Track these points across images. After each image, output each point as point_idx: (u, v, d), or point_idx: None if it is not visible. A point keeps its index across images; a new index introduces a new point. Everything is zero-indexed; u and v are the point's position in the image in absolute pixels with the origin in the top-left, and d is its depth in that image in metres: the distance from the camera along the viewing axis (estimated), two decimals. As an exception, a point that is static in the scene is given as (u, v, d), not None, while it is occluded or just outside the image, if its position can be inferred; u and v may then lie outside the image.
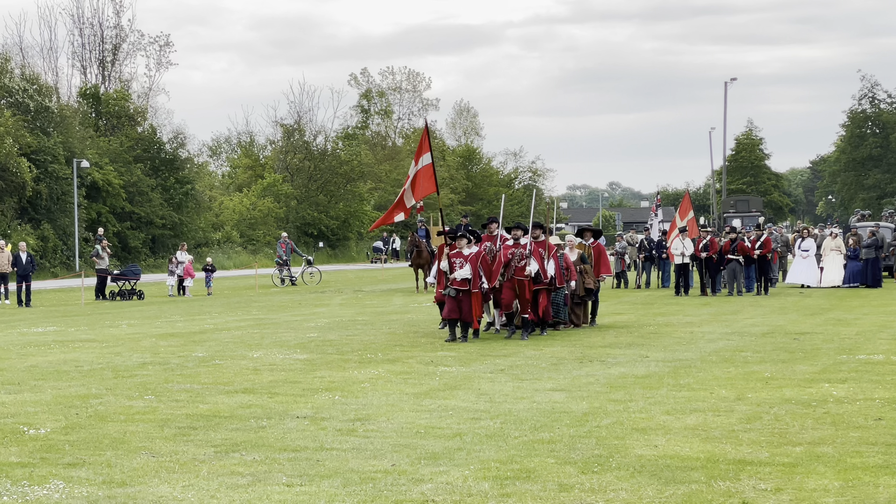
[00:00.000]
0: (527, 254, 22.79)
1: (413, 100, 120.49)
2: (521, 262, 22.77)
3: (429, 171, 24.21)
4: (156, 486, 9.43)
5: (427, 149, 24.19)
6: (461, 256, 22.56)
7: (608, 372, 16.99)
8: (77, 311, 35.41)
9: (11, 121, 66.66)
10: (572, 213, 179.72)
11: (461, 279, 22.25)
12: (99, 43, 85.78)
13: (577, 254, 26.04)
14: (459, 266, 22.39)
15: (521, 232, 23.33)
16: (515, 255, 22.85)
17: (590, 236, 27.16)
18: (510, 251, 23.01)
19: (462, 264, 22.39)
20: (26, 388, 15.53)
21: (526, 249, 22.84)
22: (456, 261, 22.56)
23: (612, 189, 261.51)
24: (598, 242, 27.25)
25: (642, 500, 8.91)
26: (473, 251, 22.62)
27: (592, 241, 26.98)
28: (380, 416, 12.98)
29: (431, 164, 24.27)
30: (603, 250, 27.01)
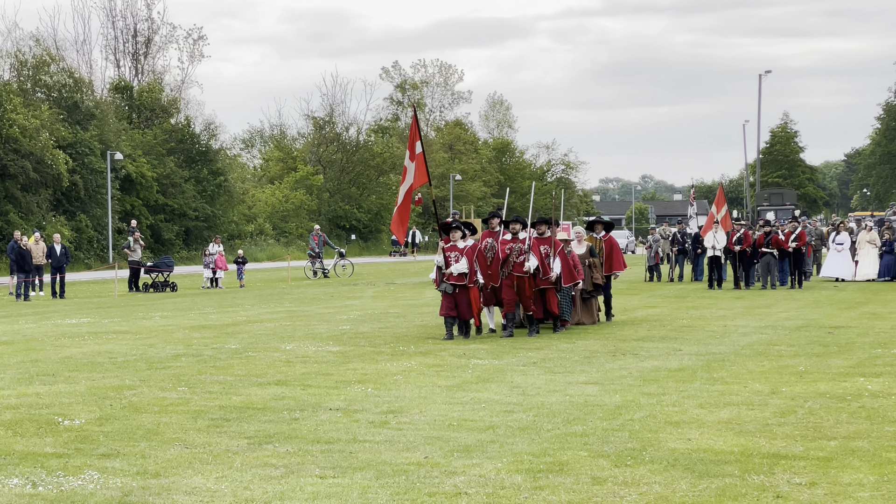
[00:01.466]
0: (525, 249, 21.70)
1: (445, 93, 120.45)
2: (520, 257, 21.71)
3: (420, 162, 22.54)
4: (189, 477, 9.46)
5: (417, 137, 22.57)
6: (456, 250, 21.58)
7: (641, 365, 16.94)
8: (111, 303, 35.57)
9: (47, 114, 67.01)
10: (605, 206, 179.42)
11: (458, 274, 21.33)
12: (132, 36, 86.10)
13: (586, 247, 24.83)
14: (455, 260, 21.43)
15: (520, 226, 22.16)
16: (513, 251, 21.80)
17: (601, 229, 25.85)
18: (508, 246, 21.96)
19: (458, 258, 21.43)
20: (61, 380, 15.60)
21: (525, 244, 21.76)
22: (451, 255, 21.57)
23: (644, 182, 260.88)
24: (610, 236, 25.85)
25: (675, 494, 8.88)
26: (469, 244, 21.71)
27: (604, 235, 25.65)
28: (412, 408, 12.97)
29: (422, 153, 22.64)
30: (615, 244, 25.61)
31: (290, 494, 8.86)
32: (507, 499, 8.74)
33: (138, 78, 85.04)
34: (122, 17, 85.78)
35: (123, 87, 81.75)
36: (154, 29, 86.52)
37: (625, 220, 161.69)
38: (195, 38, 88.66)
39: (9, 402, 13.56)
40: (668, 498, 8.76)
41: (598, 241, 25.35)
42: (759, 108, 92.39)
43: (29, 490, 9.00)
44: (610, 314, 25.48)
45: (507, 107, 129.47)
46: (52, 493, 8.90)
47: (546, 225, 22.56)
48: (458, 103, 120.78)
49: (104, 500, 8.70)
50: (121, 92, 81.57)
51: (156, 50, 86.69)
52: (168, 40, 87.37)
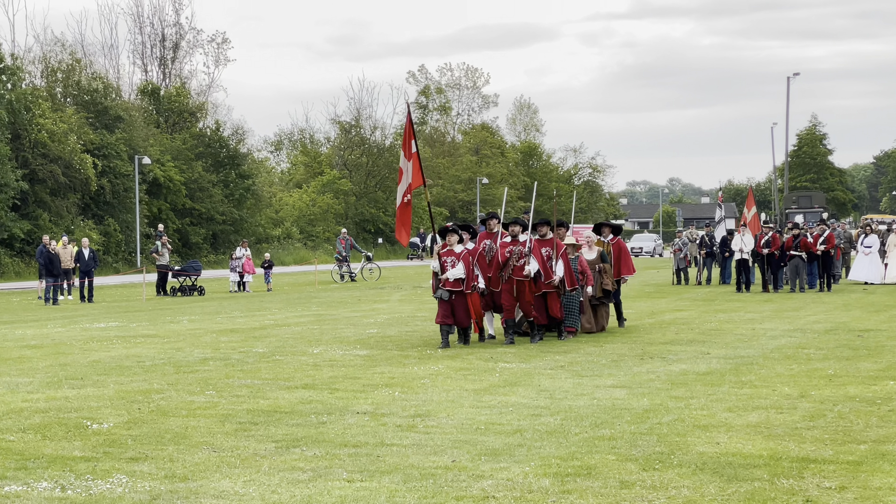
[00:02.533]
0: (526, 252, 20.91)
1: (472, 96, 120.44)
2: (520, 261, 20.93)
3: (416, 162, 21.64)
4: (217, 480, 9.47)
5: (412, 136, 21.55)
6: (453, 254, 20.73)
7: (669, 369, 16.89)
8: (138, 307, 35.68)
9: (75, 118, 67.31)
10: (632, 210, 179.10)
11: (454, 279, 20.51)
12: (159, 41, 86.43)
13: (597, 252, 23.78)
14: (451, 265, 20.58)
15: (520, 228, 21.32)
16: (514, 254, 21.02)
17: (609, 232, 24.81)
18: (508, 249, 21.15)
19: (454, 263, 20.59)
20: (89, 383, 15.65)
21: (525, 247, 20.98)
22: (447, 259, 20.68)
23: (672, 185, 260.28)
24: (619, 239, 24.94)
25: (704, 498, 8.84)
26: (469, 248, 21.04)
27: (612, 238, 24.69)
28: (440, 412, 12.96)
29: (417, 152, 21.71)
30: (624, 248, 24.78)
31: (317, 498, 8.86)
32: (534, 502, 8.72)
33: (165, 82, 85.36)
34: (149, 23, 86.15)
35: (151, 92, 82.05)
36: (181, 34, 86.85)
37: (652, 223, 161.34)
38: (219, 42, 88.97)
39: (38, 405, 13.61)
40: (696, 502, 8.73)
41: (606, 244, 24.43)
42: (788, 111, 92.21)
43: (58, 493, 9.03)
44: (622, 320, 24.68)
45: (534, 110, 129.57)
46: (81, 497, 8.92)
47: (547, 226, 21.74)
48: (486, 107, 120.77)
49: (133, 503, 8.71)
50: (148, 96, 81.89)
51: (183, 55, 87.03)
52: (194, 45, 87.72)
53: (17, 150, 63.72)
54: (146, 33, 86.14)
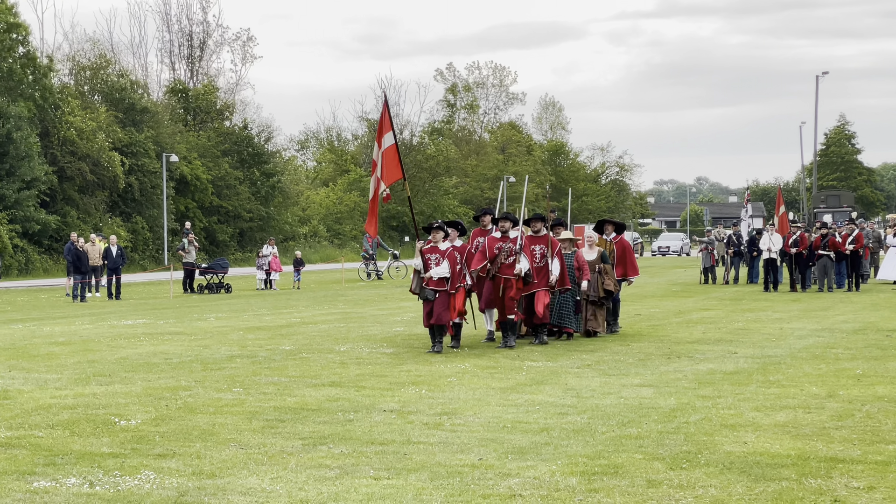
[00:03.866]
0: (517, 249, 19.97)
1: (499, 94, 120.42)
2: (509, 258, 19.98)
3: (393, 154, 20.67)
4: (244, 477, 9.49)
5: (389, 127, 20.57)
6: (437, 252, 19.69)
7: (696, 368, 16.85)
8: (166, 304, 35.79)
9: (104, 115, 67.58)
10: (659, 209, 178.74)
11: (438, 279, 19.45)
12: (186, 39, 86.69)
13: (598, 252, 22.32)
14: (435, 263, 19.54)
15: (510, 224, 20.29)
16: (503, 251, 20.00)
17: (612, 230, 23.46)
18: (497, 246, 20.10)
19: (438, 261, 19.54)
20: (117, 380, 15.70)
21: (516, 244, 20.04)
22: (431, 257, 19.66)
23: (699, 184, 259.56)
24: (622, 238, 23.47)
25: (732, 497, 8.81)
26: (457, 245, 19.98)
27: (615, 237, 23.33)
28: (466, 410, 12.96)
29: (395, 144, 20.70)
30: (628, 247, 23.33)
31: (344, 495, 8.87)
32: (561, 501, 8.71)
33: (193, 80, 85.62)
34: (177, 21, 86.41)
35: (180, 90, 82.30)
36: (208, 32, 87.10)
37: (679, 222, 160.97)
38: (245, 40, 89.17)
39: (66, 402, 13.67)
40: (724, 501, 8.70)
41: (609, 243, 23.13)
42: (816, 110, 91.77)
43: (86, 489, 9.06)
44: (616, 324, 23.12)
45: (560, 108, 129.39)
46: (109, 493, 8.95)
47: (541, 222, 20.73)
48: (513, 105, 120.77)
49: (160, 500, 8.74)
50: (177, 94, 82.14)
51: (209, 53, 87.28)
52: (221, 43, 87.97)
53: (46, 148, 64.04)
54: (174, 31, 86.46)
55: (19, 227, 59.48)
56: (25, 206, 59.96)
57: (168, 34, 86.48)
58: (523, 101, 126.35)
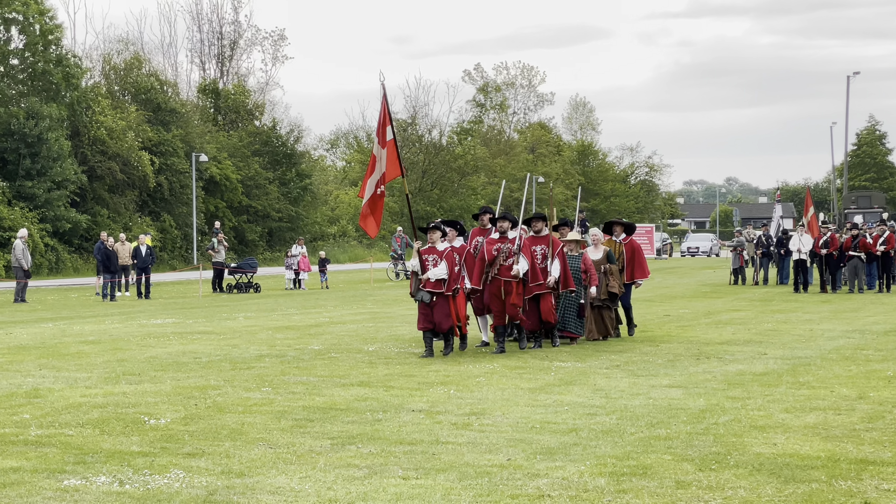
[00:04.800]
0: (515, 250, 19.18)
1: (528, 94, 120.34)
2: (508, 259, 19.21)
3: (392, 151, 19.46)
4: (273, 477, 9.50)
5: (388, 122, 19.41)
6: (435, 252, 18.96)
7: (725, 369, 16.79)
8: (195, 304, 35.90)
9: (134, 115, 67.86)
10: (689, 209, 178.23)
11: (435, 280, 18.71)
12: (217, 39, 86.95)
13: (603, 251, 21.51)
14: (433, 264, 18.81)
15: (509, 224, 19.61)
16: (501, 252, 19.25)
17: (620, 231, 22.70)
18: (495, 247, 19.37)
19: (436, 262, 18.79)
20: (146, 379, 15.75)
21: (514, 245, 19.27)
22: (428, 258, 18.93)
23: (729, 184, 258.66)
24: (632, 239, 22.70)
25: (761, 499, 8.78)
26: (456, 245, 19.28)
27: (624, 238, 22.57)
28: (495, 410, 12.95)
29: (394, 139, 19.50)
30: (638, 248, 22.57)
31: (373, 495, 8.87)
32: (590, 502, 8.69)
33: (223, 80, 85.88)
34: (207, 21, 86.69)
35: (210, 90, 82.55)
36: (239, 32, 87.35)
37: (709, 222, 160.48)
38: (276, 40, 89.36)
39: (96, 401, 13.72)
40: (753, 503, 8.67)
41: (618, 244, 22.34)
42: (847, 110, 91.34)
43: (116, 488, 9.09)
44: (632, 327, 22.50)
45: (590, 109, 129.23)
46: (139, 492, 8.98)
47: (542, 222, 20.03)
48: (543, 106, 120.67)
49: (190, 498, 8.76)
50: (207, 94, 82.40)
51: (240, 52, 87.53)
52: (252, 43, 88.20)
53: (77, 147, 64.37)
54: (204, 31, 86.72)
55: (50, 227, 59.81)
56: (56, 205, 60.31)
57: (199, 34, 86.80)
58: (552, 101, 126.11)
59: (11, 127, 59.78)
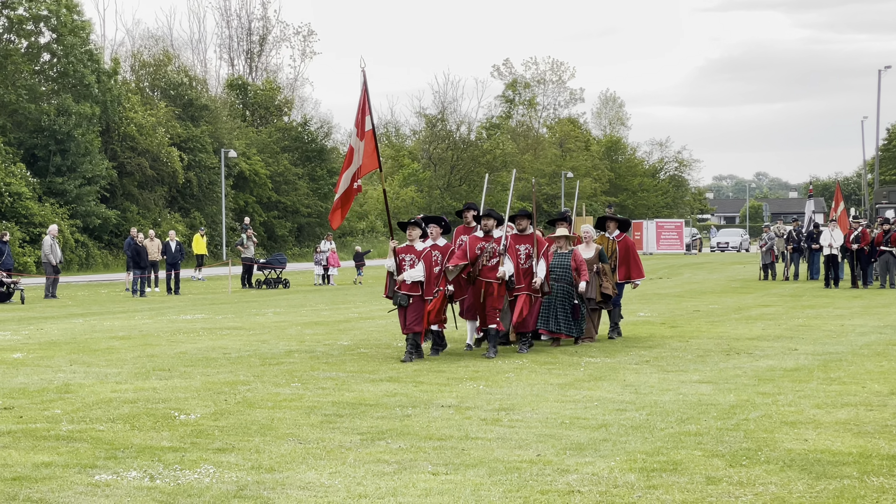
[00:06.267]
0: (500, 250, 17.95)
1: (558, 90, 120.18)
2: (492, 259, 18.01)
3: (370, 142, 18.26)
4: (303, 472, 9.51)
5: (368, 112, 18.19)
6: (412, 252, 17.78)
7: (756, 364, 16.73)
8: (224, 299, 35.98)
9: (164, 111, 68.11)
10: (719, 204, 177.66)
11: (411, 282, 17.58)
12: (246, 35, 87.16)
13: (595, 250, 20.40)
14: (410, 265, 17.66)
15: (493, 222, 18.31)
16: (485, 252, 18.05)
17: (614, 228, 21.42)
18: (479, 245, 18.11)
19: (413, 262, 17.66)
20: (176, 375, 15.80)
21: (500, 245, 18.03)
22: (405, 258, 17.78)
23: (759, 179, 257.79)
24: (626, 236, 21.44)
25: (792, 495, 8.73)
26: (440, 244, 18.19)
27: (618, 235, 21.32)
28: (524, 406, 12.93)
29: (372, 130, 18.27)
30: (632, 246, 21.34)
31: (402, 490, 8.87)
32: (620, 497, 8.66)
33: (252, 76, 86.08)
34: (236, 16, 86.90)
35: (239, 86, 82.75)
36: (268, 28, 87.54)
37: (739, 218, 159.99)
38: (304, 35, 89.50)
39: (126, 396, 13.76)
40: (784, 499, 8.62)
41: (611, 242, 21.18)
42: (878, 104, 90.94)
43: (147, 483, 9.12)
44: (616, 330, 21.16)
45: (620, 104, 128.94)
46: (170, 486, 9.00)
47: (527, 220, 18.90)
48: (574, 102, 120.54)
49: (220, 493, 8.78)
50: (235, 90, 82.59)
51: (269, 48, 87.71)
52: (280, 39, 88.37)
53: (106, 143, 64.64)
54: (233, 27, 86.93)
55: (80, 223, 60.10)
56: (86, 201, 60.60)
57: (227, 30, 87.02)
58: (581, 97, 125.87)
59: (42, 124, 60.10)
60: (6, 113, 61.24)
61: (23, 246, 54.57)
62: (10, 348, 19.63)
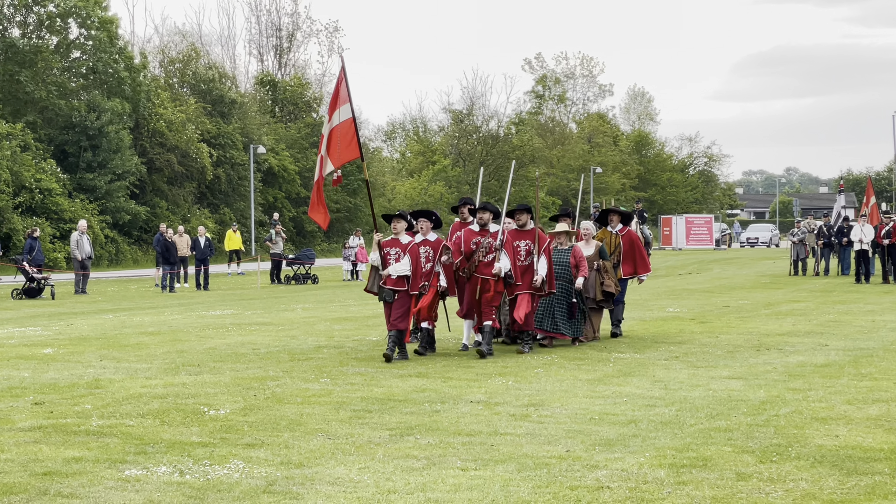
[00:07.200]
0: (497, 245, 17.24)
1: (588, 85, 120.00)
2: (488, 255, 17.34)
3: (349, 129, 17.49)
4: (332, 467, 9.51)
5: (346, 99, 17.47)
6: (398, 246, 17.18)
7: (786, 360, 16.66)
8: (253, 295, 36.06)
9: (193, 107, 68.32)
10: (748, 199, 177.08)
11: (396, 277, 16.95)
12: (275, 31, 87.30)
13: (595, 246, 19.53)
14: (395, 259, 17.05)
15: (490, 215, 17.62)
16: (481, 247, 17.39)
17: (617, 221, 20.53)
18: (474, 241, 17.50)
19: (399, 256, 17.04)
20: (206, 370, 15.83)
21: (496, 240, 17.31)
22: (391, 252, 17.13)
23: (789, 174, 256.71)
24: (629, 230, 20.64)
25: (823, 491, 8.69)
26: (430, 239, 17.42)
27: (621, 229, 20.50)
28: (553, 401, 12.91)
29: (352, 118, 17.50)
30: (636, 240, 20.55)
31: (431, 486, 8.86)
32: (649, 493, 8.64)
33: (281, 72, 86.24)
34: (266, 12, 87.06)
35: (268, 82, 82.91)
36: (297, 24, 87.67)
37: (768, 213, 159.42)
38: (332, 31, 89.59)
39: (156, 391, 13.80)
40: (815, 495, 8.58)
41: (614, 236, 20.35)
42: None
43: (176, 478, 9.14)
44: (617, 328, 20.31)
45: (649, 99, 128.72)
46: (199, 482, 9.02)
47: (528, 214, 18.05)
48: (604, 97, 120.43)
49: (249, 489, 8.79)
50: (265, 86, 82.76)
51: (297, 45, 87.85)
52: (309, 34, 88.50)
53: (136, 139, 64.88)
54: (263, 23, 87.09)
55: (109, 218, 60.35)
56: (116, 197, 60.85)
57: (257, 26, 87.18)
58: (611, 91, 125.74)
59: (73, 120, 60.39)
60: (37, 109, 61.55)
61: (53, 242, 54.84)
62: (41, 344, 19.72)
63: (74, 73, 65.54)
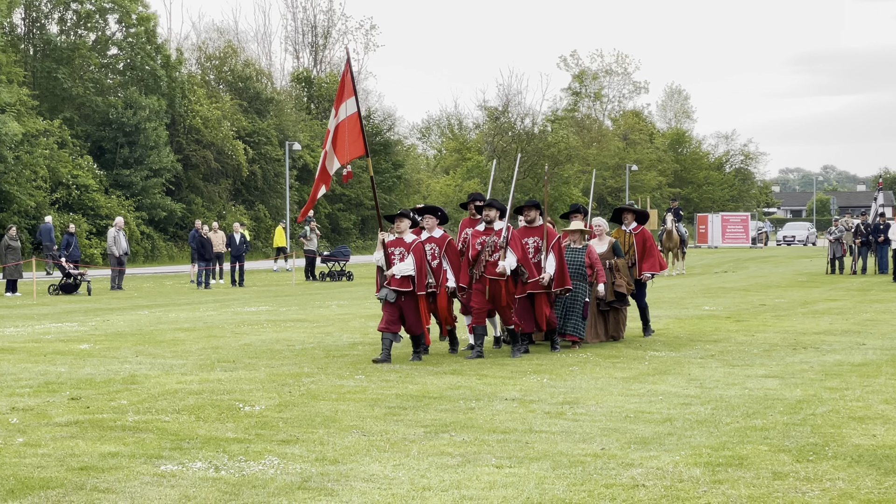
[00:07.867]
0: (501, 243, 16.62)
1: (624, 82, 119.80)
2: (493, 255, 16.67)
3: (354, 125, 17.23)
4: (367, 464, 9.52)
5: (351, 93, 17.24)
6: (402, 245, 16.71)
7: (823, 359, 16.56)
8: (288, 292, 36.14)
9: (229, 104, 68.53)
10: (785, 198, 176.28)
11: (401, 276, 16.48)
12: (311, 28, 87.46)
13: (608, 243, 19.30)
14: (399, 258, 16.60)
15: (496, 213, 16.98)
16: (486, 246, 16.77)
17: (632, 220, 20.19)
18: (479, 240, 16.90)
19: (403, 255, 16.59)
20: (241, 366, 15.87)
21: (500, 238, 16.69)
22: (395, 251, 16.70)
23: (826, 173, 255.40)
24: (643, 229, 20.17)
25: (860, 491, 8.63)
26: (436, 236, 17.13)
27: (635, 227, 20.11)
28: (588, 399, 12.88)
29: (357, 113, 17.21)
30: (650, 239, 19.99)
31: (466, 483, 8.86)
32: (685, 492, 8.60)
33: (316, 69, 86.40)
34: (302, 9, 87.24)
35: (303, 78, 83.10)
36: (332, 21, 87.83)
37: (805, 211, 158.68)
38: (367, 29, 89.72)
39: (192, 387, 13.85)
40: (852, 495, 8.53)
41: (628, 235, 20.00)
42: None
43: (212, 474, 9.16)
44: (648, 328, 20.14)
45: (686, 97, 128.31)
46: (234, 477, 9.04)
47: (536, 210, 17.78)
48: (639, 93, 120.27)
49: (284, 485, 8.81)
50: (301, 82, 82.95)
51: (333, 42, 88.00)
52: (344, 32, 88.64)
53: (172, 136, 65.13)
54: (299, 20, 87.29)
55: (145, 215, 60.61)
56: (152, 193, 61.10)
57: (293, 23, 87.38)
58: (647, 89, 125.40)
59: (110, 116, 60.68)
60: (74, 106, 61.88)
61: (89, 238, 55.12)
62: (77, 339, 19.83)
63: (111, 70, 65.83)
